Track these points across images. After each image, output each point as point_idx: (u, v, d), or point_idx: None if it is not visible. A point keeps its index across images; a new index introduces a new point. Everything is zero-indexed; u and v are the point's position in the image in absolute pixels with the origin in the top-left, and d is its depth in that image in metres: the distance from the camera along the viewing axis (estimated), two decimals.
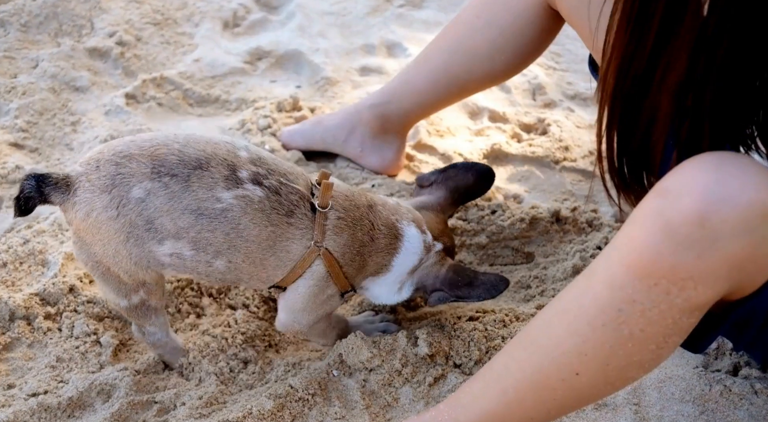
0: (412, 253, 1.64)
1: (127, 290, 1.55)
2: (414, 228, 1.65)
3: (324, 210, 1.53)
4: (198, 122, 2.49)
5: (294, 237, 1.52)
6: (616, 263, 1.17)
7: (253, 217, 1.47)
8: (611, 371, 1.22)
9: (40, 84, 2.50)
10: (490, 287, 1.61)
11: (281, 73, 2.74)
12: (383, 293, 1.68)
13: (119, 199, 1.44)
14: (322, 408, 1.62)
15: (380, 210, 1.63)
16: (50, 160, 2.30)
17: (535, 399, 1.29)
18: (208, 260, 1.50)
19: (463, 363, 1.71)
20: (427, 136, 2.43)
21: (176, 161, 1.45)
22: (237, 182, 1.46)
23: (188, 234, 1.46)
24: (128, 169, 1.44)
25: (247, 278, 1.56)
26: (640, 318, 1.15)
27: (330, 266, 1.56)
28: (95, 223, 1.46)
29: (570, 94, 2.64)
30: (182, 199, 1.44)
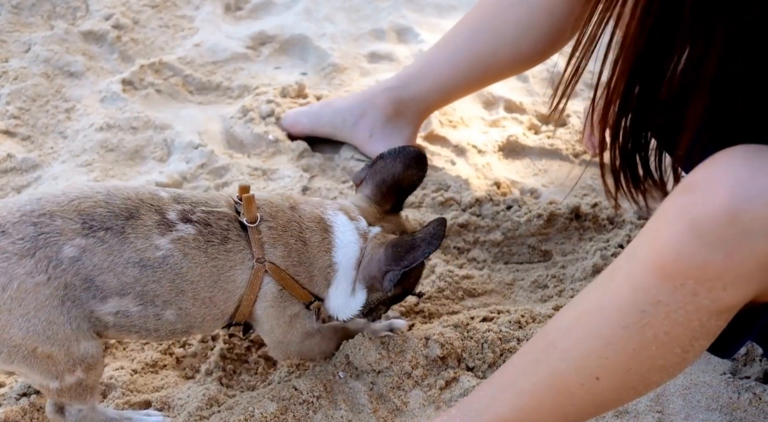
0: (348, 243, 1.59)
1: (60, 371, 1.42)
2: (342, 216, 1.61)
3: (254, 225, 1.51)
4: (198, 109, 2.49)
5: (235, 263, 1.50)
6: (640, 262, 1.17)
7: (193, 257, 1.45)
8: (633, 375, 1.22)
9: (33, 69, 2.51)
10: (430, 238, 1.52)
11: (286, 59, 2.74)
12: (340, 301, 1.62)
13: (47, 261, 1.35)
14: (327, 412, 1.62)
15: (303, 208, 1.60)
16: (43, 148, 2.31)
17: (553, 404, 1.29)
18: (157, 312, 1.45)
19: (476, 366, 1.71)
20: (440, 126, 2.43)
21: (106, 213, 1.40)
22: (169, 225, 1.44)
23: (134, 289, 1.41)
24: (52, 227, 1.36)
25: (199, 323, 1.52)
26: (665, 320, 1.15)
27: (281, 278, 1.53)
28: (16, 295, 1.34)
29: (591, 84, 2.61)
30: (122, 253, 1.39)
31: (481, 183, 2.23)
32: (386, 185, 1.68)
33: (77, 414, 1.51)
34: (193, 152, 2.27)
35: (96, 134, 2.31)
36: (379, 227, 1.63)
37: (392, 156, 1.68)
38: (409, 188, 1.70)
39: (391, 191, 1.68)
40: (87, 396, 1.49)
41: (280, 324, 1.58)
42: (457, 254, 2.07)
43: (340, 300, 1.62)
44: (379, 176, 1.68)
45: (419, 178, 1.70)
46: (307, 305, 1.60)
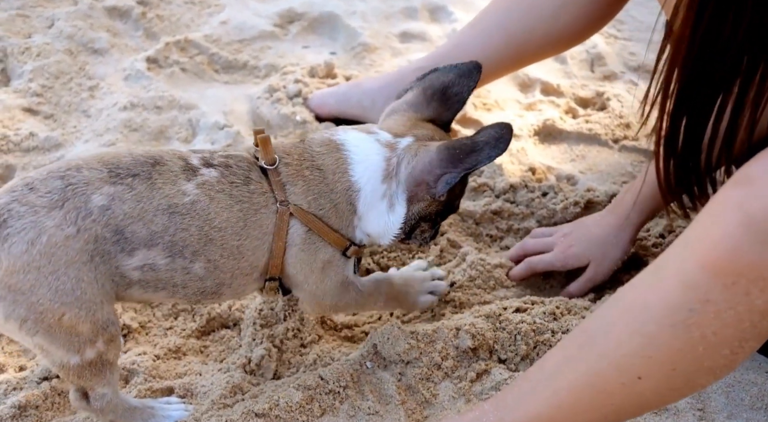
0: (368, 156, 1.53)
1: (81, 343, 1.39)
2: (353, 132, 1.56)
3: (273, 166, 1.49)
4: (224, 89, 2.49)
5: (260, 206, 1.47)
6: (689, 258, 1.14)
7: (220, 200, 1.43)
8: (678, 376, 1.19)
9: (56, 45, 2.51)
10: (495, 141, 1.46)
11: (314, 38, 2.72)
12: (379, 224, 1.55)
13: (76, 212, 1.33)
14: (354, 402, 1.62)
15: (312, 137, 1.57)
16: (66, 127, 2.31)
17: (591, 403, 1.27)
18: (185, 265, 1.43)
19: (509, 358, 1.70)
20: (473, 109, 2.41)
21: (131, 161, 1.40)
22: (193, 170, 1.43)
23: (162, 239, 1.39)
24: (79, 178, 1.35)
25: (228, 279, 1.49)
26: (714, 320, 1.12)
27: (308, 221, 1.49)
28: (45, 250, 1.31)
29: (633, 66, 2.60)
30: (152, 199, 1.38)
31: (516, 169, 2.20)
32: (432, 90, 1.62)
33: (101, 399, 1.49)
34: (218, 133, 2.26)
35: (120, 113, 2.31)
36: (410, 137, 1.55)
37: (445, 69, 1.63)
38: (457, 96, 1.62)
39: (436, 96, 1.61)
40: (107, 373, 1.46)
41: (313, 271, 1.54)
42: (490, 242, 2.05)
43: (377, 220, 1.55)
44: (426, 83, 1.63)
45: (469, 88, 1.62)
46: (343, 252, 1.55)
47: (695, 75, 1.23)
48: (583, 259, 1.88)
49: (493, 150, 1.46)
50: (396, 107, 1.64)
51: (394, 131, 1.56)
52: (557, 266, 1.90)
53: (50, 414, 1.60)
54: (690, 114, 1.26)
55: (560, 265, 1.89)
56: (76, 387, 1.49)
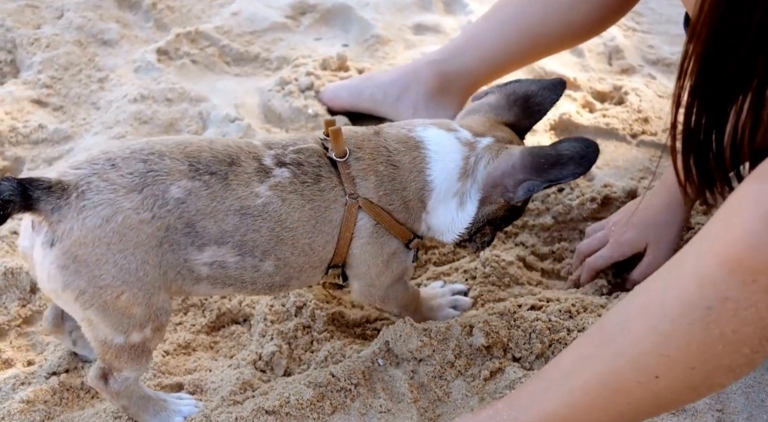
0: (447, 154, 1.56)
1: (131, 325, 1.42)
2: (434, 129, 1.59)
3: (343, 159, 1.51)
4: (235, 81, 2.49)
5: (329, 202, 1.50)
6: (708, 255, 1.13)
7: (291, 201, 1.47)
8: (696, 375, 1.18)
9: (66, 36, 2.52)
10: (580, 159, 1.49)
11: (327, 30, 2.72)
12: (446, 220, 1.59)
13: (154, 199, 1.37)
14: (365, 400, 1.62)
15: (387, 131, 1.59)
16: (75, 119, 2.32)
17: (607, 402, 1.26)
18: (255, 263, 1.47)
19: (523, 357, 1.69)
20: None
21: (211, 157, 1.43)
22: (266, 171, 1.46)
23: (233, 238, 1.43)
24: (161, 166, 1.39)
25: (297, 273, 1.53)
26: (733, 318, 1.12)
27: (376, 215, 1.53)
28: (118, 229, 1.35)
29: (651, 59, 2.59)
30: (225, 199, 1.42)
31: None
32: (515, 96, 1.65)
33: (122, 382, 1.50)
34: (229, 126, 2.27)
35: (129, 106, 2.32)
36: (490, 138, 1.58)
37: (529, 81, 1.68)
38: (538, 106, 1.66)
39: (519, 102, 1.65)
40: (142, 360, 1.48)
41: (377, 263, 1.58)
42: (505, 238, 2.04)
43: (445, 216, 1.58)
44: (509, 90, 1.67)
45: (551, 101, 1.66)
46: (406, 244, 1.59)
47: (712, 69, 1.22)
48: (640, 244, 1.85)
49: (578, 168, 1.49)
50: (476, 108, 1.67)
51: (474, 130, 1.59)
52: (616, 258, 1.88)
53: (58, 409, 1.61)
54: (708, 109, 1.25)
55: (618, 255, 1.87)
56: (102, 366, 1.50)
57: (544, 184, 1.51)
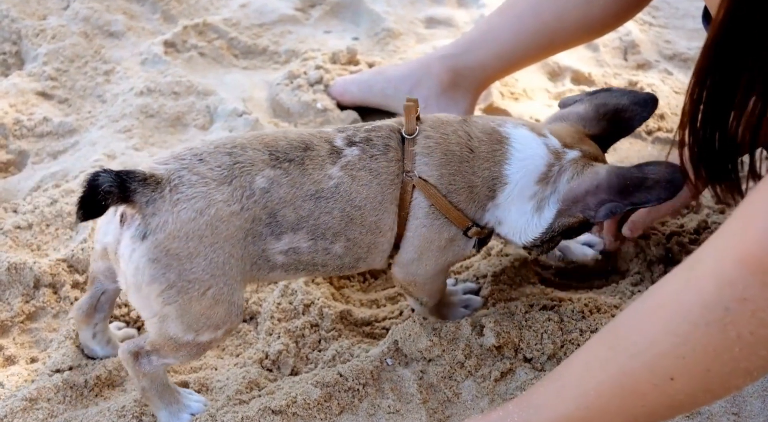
0: (531, 157, 1.57)
1: (206, 325, 1.46)
2: (524, 130, 1.60)
3: (411, 136, 1.54)
4: (243, 75, 2.49)
5: (394, 175, 1.52)
6: (726, 254, 1.12)
7: (360, 178, 1.50)
8: (712, 377, 1.18)
9: (71, 27, 2.52)
10: (667, 184, 1.49)
11: (337, 22, 2.72)
12: (519, 221, 1.59)
13: (242, 190, 1.42)
14: (373, 400, 1.62)
15: (476, 120, 1.61)
16: (81, 112, 2.32)
17: (621, 405, 1.25)
18: (326, 246, 1.51)
19: (535, 357, 1.69)
20: (500, 98, 2.39)
21: (287, 145, 1.48)
22: (338, 152, 1.50)
23: (307, 223, 1.47)
24: (246, 157, 1.44)
25: (365, 254, 1.55)
26: (751, 319, 1.11)
27: (430, 195, 1.53)
28: (211, 222, 1.40)
29: (668, 55, 2.58)
30: (302, 185, 1.47)
31: None
32: (605, 108, 1.65)
33: (154, 366, 1.52)
34: (236, 120, 2.27)
35: (136, 99, 2.32)
36: (577, 151, 1.59)
37: (621, 91, 1.68)
38: (627, 122, 1.66)
39: (608, 116, 1.65)
40: (197, 357, 1.52)
41: (431, 249, 1.59)
42: None
43: (519, 217, 1.59)
44: (600, 100, 1.67)
45: (641, 118, 1.67)
46: (464, 232, 1.58)
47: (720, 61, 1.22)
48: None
49: (663, 192, 1.50)
50: (564, 116, 1.67)
51: (563, 140, 1.60)
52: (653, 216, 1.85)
53: (62, 407, 1.61)
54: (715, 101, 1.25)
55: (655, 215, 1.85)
56: (142, 345, 1.51)
57: (628, 207, 1.53)
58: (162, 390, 1.56)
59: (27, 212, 1.98)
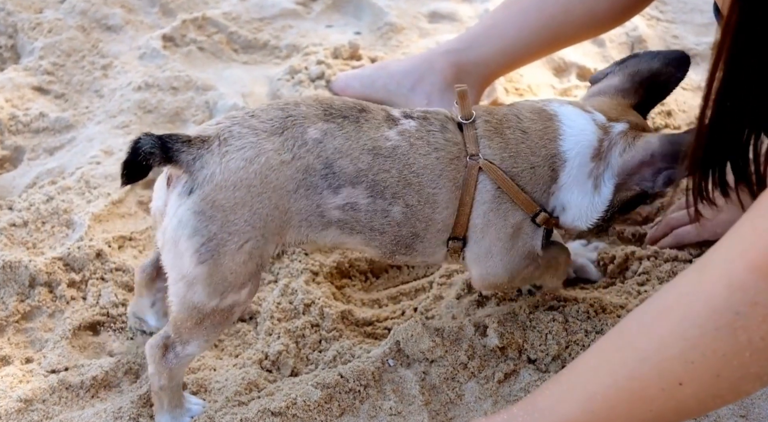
0: (581, 132, 1.58)
1: (232, 286, 1.46)
2: (569, 107, 1.62)
3: (469, 121, 1.56)
4: (243, 69, 2.48)
5: (453, 155, 1.55)
6: (736, 258, 1.12)
7: (419, 147, 1.53)
8: (722, 383, 1.17)
9: (68, 21, 2.52)
10: None
11: (338, 17, 2.71)
12: (580, 199, 1.60)
13: (294, 140, 1.46)
14: (375, 402, 1.61)
15: (522, 103, 1.65)
16: (78, 108, 2.32)
17: (628, 410, 1.25)
18: (385, 207, 1.52)
19: (539, 358, 1.69)
20: (505, 94, 2.39)
21: (342, 105, 1.53)
22: (395, 120, 1.54)
23: (367, 177, 1.50)
24: (298, 111, 1.49)
25: (422, 231, 1.56)
26: (763, 324, 1.11)
27: (498, 178, 1.55)
28: (261, 171, 1.43)
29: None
30: (359, 138, 1.50)
31: None
32: (640, 76, 1.67)
33: (181, 358, 1.53)
34: None
35: (134, 94, 2.32)
36: (625, 123, 1.60)
37: (650, 54, 1.69)
38: (664, 86, 1.67)
39: (644, 84, 1.67)
40: (218, 331, 1.52)
41: (500, 237, 1.58)
42: None
43: (582, 198, 1.60)
44: (632, 68, 1.68)
45: (677, 79, 1.68)
46: (532, 218, 1.58)
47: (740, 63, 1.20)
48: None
49: None
50: (603, 89, 1.69)
51: (607, 114, 1.61)
52: (706, 237, 1.86)
53: (57, 408, 1.61)
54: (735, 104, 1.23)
55: (708, 235, 1.85)
56: (169, 335, 1.52)
57: (686, 172, 1.48)
58: (174, 390, 1.56)
59: (22, 210, 1.97)
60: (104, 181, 2.06)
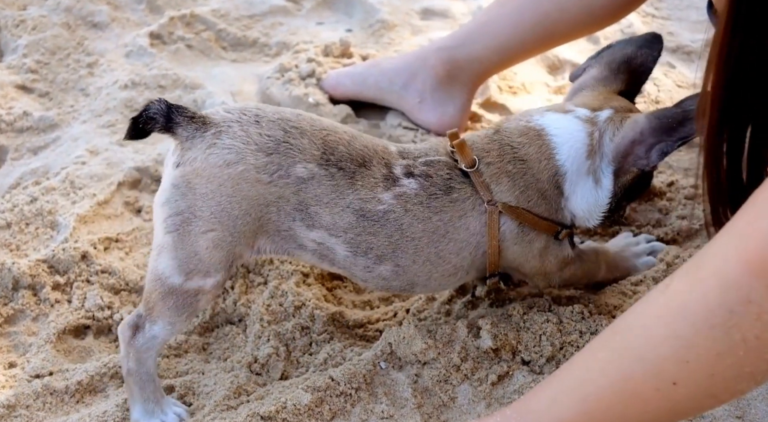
0: (570, 135, 1.62)
1: (197, 268, 1.50)
2: (550, 113, 1.65)
3: (473, 169, 1.58)
4: (232, 67, 2.48)
5: (465, 211, 1.58)
6: (731, 255, 1.12)
7: (416, 213, 1.55)
8: (716, 382, 1.18)
9: (53, 18, 2.51)
10: None
11: (329, 14, 2.71)
12: (584, 200, 1.64)
13: (277, 168, 1.48)
14: (366, 405, 1.61)
15: (506, 126, 1.66)
16: (62, 106, 2.31)
17: (622, 411, 1.25)
18: (369, 265, 1.56)
19: (533, 360, 1.69)
20: (498, 92, 2.39)
21: (345, 152, 1.52)
22: (394, 180, 1.55)
23: (345, 235, 1.53)
24: (298, 142, 1.50)
25: (423, 281, 1.61)
26: (756, 322, 1.11)
27: (518, 216, 1.59)
28: (236, 178, 1.47)
29: (671, 47, 2.57)
30: (345, 195, 1.51)
31: None
32: (616, 63, 1.72)
33: (148, 339, 1.55)
34: None
35: (120, 92, 2.31)
36: (609, 109, 1.64)
37: (622, 42, 1.74)
38: (641, 68, 1.72)
39: (623, 68, 1.71)
40: (182, 316, 1.54)
41: (529, 260, 1.65)
42: None
43: (585, 198, 1.64)
44: (607, 57, 1.73)
45: (653, 58, 1.73)
46: (555, 236, 1.64)
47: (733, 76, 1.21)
48: None
49: None
50: (583, 84, 1.73)
51: (590, 105, 1.65)
52: None
53: (42, 414, 1.60)
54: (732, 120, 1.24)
55: None
56: (141, 313, 1.55)
57: (678, 143, 1.56)
58: (145, 380, 1.57)
59: (5, 211, 1.97)
60: (90, 181, 2.06)
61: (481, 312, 1.79)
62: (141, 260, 1.92)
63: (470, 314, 1.80)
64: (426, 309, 1.82)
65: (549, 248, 1.65)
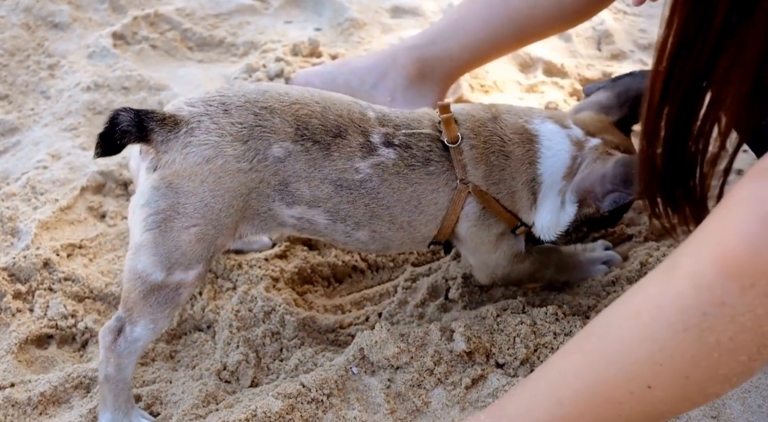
0: (557, 151, 1.66)
1: (178, 262, 1.51)
2: (550, 124, 1.68)
3: (455, 145, 1.61)
4: (198, 68, 2.48)
5: (438, 186, 1.61)
6: (704, 257, 1.12)
7: (392, 183, 1.58)
8: (691, 385, 1.18)
9: (12, 18, 2.49)
10: None
11: (298, 12, 2.71)
12: (546, 217, 1.68)
13: (255, 153, 1.50)
14: (338, 412, 1.61)
15: (506, 118, 1.68)
16: (23, 110, 2.30)
17: (597, 414, 1.26)
18: (348, 231, 1.61)
19: (507, 363, 1.69)
20: (470, 91, 2.40)
21: (318, 125, 1.55)
22: (371, 149, 1.57)
23: (324, 205, 1.56)
24: (270, 123, 1.52)
25: (397, 245, 1.67)
26: (730, 324, 1.11)
27: (484, 201, 1.63)
28: (216, 171, 1.49)
29: (643, 44, 2.60)
30: (323, 168, 1.54)
31: None
32: (627, 95, 1.74)
33: (130, 343, 1.54)
34: None
35: (82, 95, 2.30)
36: (599, 139, 1.67)
37: (642, 73, 1.76)
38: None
39: (629, 102, 1.74)
40: (164, 312, 1.54)
41: (484, 243, 1.68)
42: None
43: (548, 214, 1.68)
44: (621, 87, 1.76)
45: None
46: (513, 230, 1.68)
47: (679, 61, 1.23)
48: None
49: None
50: (586, 105, 1.77)
51: (587, 128, 1.69)
52: None
53: None
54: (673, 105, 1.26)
55: None
56: (122, 316, 1.54)
57: (632, 197, 1.59)
58: (120, 390, 1.56)
59: None
60: (51, 186, 2.05)
61: (454, 315, 1.80)
62: (106, 267, 1.90)
63: (443, 317, 1.80)
64: (399, 313, 1.83)
65: (505, 238, 1.68)
